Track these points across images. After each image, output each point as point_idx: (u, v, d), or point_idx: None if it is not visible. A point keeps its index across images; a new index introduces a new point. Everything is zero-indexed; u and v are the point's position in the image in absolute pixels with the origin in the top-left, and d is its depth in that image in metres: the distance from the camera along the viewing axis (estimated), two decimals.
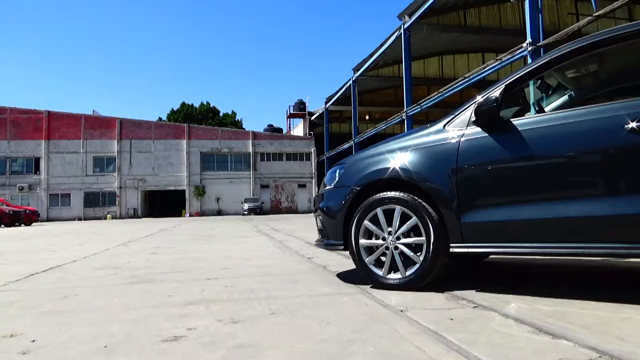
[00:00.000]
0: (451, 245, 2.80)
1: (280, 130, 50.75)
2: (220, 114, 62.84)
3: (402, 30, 20.55)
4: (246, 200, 40.58)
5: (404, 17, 20.12)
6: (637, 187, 2.36)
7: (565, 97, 3.74)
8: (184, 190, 41.97)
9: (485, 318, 2.21)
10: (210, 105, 62.71)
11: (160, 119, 58.24)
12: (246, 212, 38.54)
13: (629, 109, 2.39)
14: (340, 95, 33.53)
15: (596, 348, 1.73)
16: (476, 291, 2.80)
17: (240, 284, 3.38)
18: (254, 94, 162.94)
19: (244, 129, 51.48)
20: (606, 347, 1.73)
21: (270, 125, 50.26)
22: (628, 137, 2.33)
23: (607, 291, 2.86)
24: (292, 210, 43.11)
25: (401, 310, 2.40)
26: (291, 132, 50.75)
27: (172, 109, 61.35)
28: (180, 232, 12.26)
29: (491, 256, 3.99)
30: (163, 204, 44.62)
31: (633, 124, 2.32)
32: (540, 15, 10.05)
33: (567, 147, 2.54)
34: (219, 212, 41.84)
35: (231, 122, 60.79)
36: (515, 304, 2.47)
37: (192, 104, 61.95)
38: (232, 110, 65.33)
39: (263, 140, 44.23)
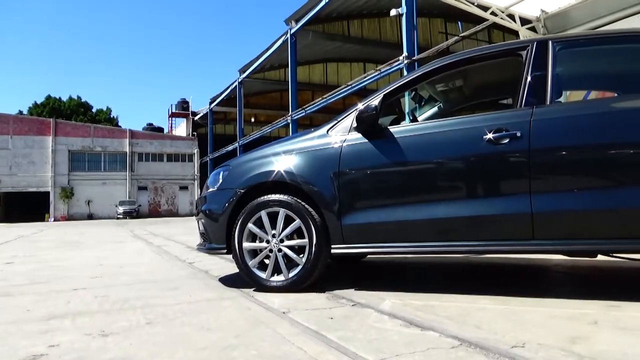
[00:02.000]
0: (332, 246, 2.89)
1: (161, 129, 48.29)
2: (93, 110, 57.89)
3: (288, 36, 20.83)
4: (121, 203, 37.85)
5: (291, 23, 20.43)
6: (493, 191, 2.67)
7: (436, 109, 4.09)
8: (48, 192, 37.87)
9: (362, 315, 2.32)
10: (82, 100, 57.44)
11: (20, 112, 51.89)
12: (121, 216, 35.96)
13: (487, 121, 2.69)
14: (225, 96, 32.92)
15: (457, 336, 1.90)
16: (355, 290, 2.93)
17: (113, 294, 3.14)
18: (133, 91, 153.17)
19: (120, 127, 48.05)
20: (466, 335, 1.91)
21: (150, 124, 47.60)
22: (486, 146, 2.62)
23: (467, 285, 3.18)
24: (173, 213, 41.21)
25: (284, 312, 2.42)
26: (173, 132, 48.59)
27: (36, 102, 55.07)
28: (43, 238, 11.05)
29: (369, 256, 4.20)
30: (23, 207, 39.77)
31: (490, 135, 2.61)
32: (415, 31, 10.87)
33: (436, 154, 2.78)
34: (90, 216, 38.47)
35: (105, 119, 56.27)
36: (390, 300, 2.62)
37: (59, 98, 56.11)
38: (107, 107, 60.55)
39: (142, 139, 41.68)
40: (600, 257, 3.96)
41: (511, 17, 7.50)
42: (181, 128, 47.36)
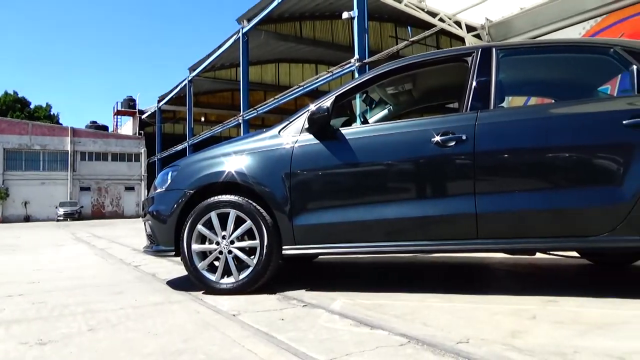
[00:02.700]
0: (284, 247, 2.88)
1: (105, 128, 46.35)
2: (31, 106, 54.75)
3: (240, 35, 20.59)
4: (62, 205, 35.98)
5: (243, 22, 20.21)
6: (440, 192, 2.76)
7: (386, 111, 4.17)
8: None
9: (313, 316, 2.32)
10: (18, 96, 54.21)
11: None
12: (62, 218, 34.19)
13: (435, 124, 2.78)
14: (174, 95, 32.08)
15: (406, 334, 1.94)
16: (306, 290, 2.93)
17: (52, 299, 2.98)
18: (75, 88, 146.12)
19: (62, 124, 45.75)
20: (414, 333, 1.96)
21: (93, 122, 45.54)
22: (434, 149, 2.70)
23: (416, 284, 3.26)
24: (118, 215, 39.66)
25: (234, 315, 2.38)
26: (118, 131, 46.80)
27: None
28: None
29: (321, 256, 4.22)
30: None
31: (437, 138, 2.69)
32: (366, 35, 11.04)
33: (386, 155, 2.83)
34: (27, 218, 36.35)
35: (45, 117, 53.31)
36: (341, 300, 2.64)
37: None
38: (47, 103, 57.42)
39: (85, 137, 39.85)
40: (538, 255, 4.17)
41: (458, 24, 7.77)
42: (127, 127, 45.67)
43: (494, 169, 2.67)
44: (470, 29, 7.82)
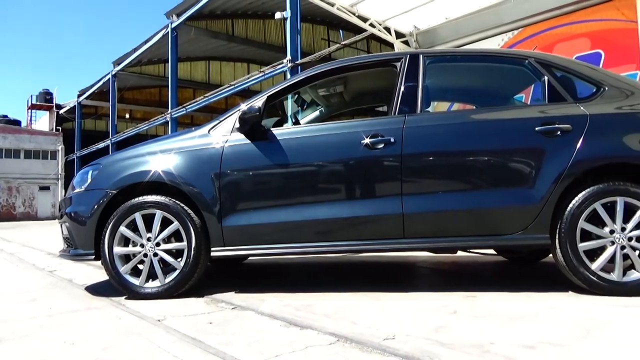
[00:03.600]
0: (212, 249, 2.81)
1: (18, 122, 42.89)
2: None
3: (169, 30, 19.89)
4: None
5: (172, 17, 19.55)
6: (369, 193, 2.82)
7: (317, 112, 4.20)
8: None
9: (242, 318, 2.29)
10: None
11: None
12: None
13: (365, 127, 2.84)
14: (96, 89, 30.32)
15: (335, 333, 1.97)
16: (235, 293, 2.88)
17: None
18: None
19: None
20: (342, 331, 1.99)
21: (4, 116, 42.01)
22: (364, 151, 2.76)
23: (345, 283, 3.31)
24: (31, 216, 36.82)
25: (159, 320, 2.29)
26: (33, 126, 43.48)
27: None
28: None
29: (251, 257, 4.18)
30: None
31: (367, 140, 2.75)
32: (299, 36, 11.08)
33: (316, 156, 2.85)
34: None
35: None
36: (270, 301, 2.63)
37: None
38: None
39: None
40: (460, 253, 4.40)
41: (387, 30, 8.02)
42: (43, 122, 42.52)
43: (419, 171, 2.78)
44: (399, 35, 8.09)
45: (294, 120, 4.13)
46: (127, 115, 36.86)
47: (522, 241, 2.69)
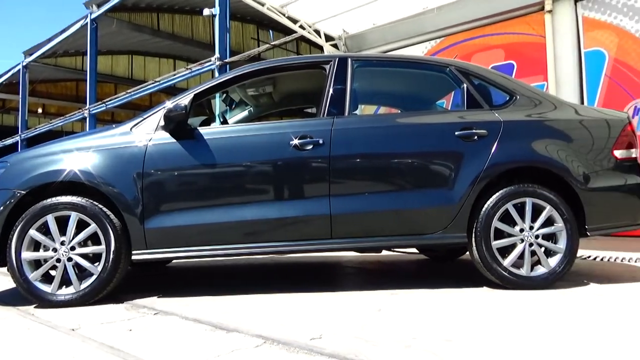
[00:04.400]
0: (134, 252, 2.69)
1: None
2: None
3: (88, 20, 18.75)
4: None
5: (92, 7, 18.44)
6: (298, 194, 2.83)
7: (246, 112, 4.15)
8: None
9: (165, 324, 2.21)
10: None
11: None
12: None
13: (294, 128, 2.85)
14: (4, 81, 27.84)
15: (262, 335, 1.95)
16: (158, 297, 2.77)
17: None
18: None
19: None
20: (270, 333, 1.98)
21: None
22: (292, 152, 2.77)
23: (274, 284, 3.30)
24: None
25: (73, 329, 2.14)
26: None
27: None
28: None
29: (176, 260, 4.04)
30: None
31: (296, 141, 2.76)
32: (228, 34, 10.88)
33: (244, 157, 2.82)
34: None
35: None
36: (195, 305, 2.55)
37: None
38: None
39: None
40: (384, 252, 4.54)
41: (317, 32, 8.10)
42: None
43: (347, 173, 2.83)
44: (328, 38, 8.20)
45: (221, 120, 4.05)
46: (40, 110, 34.23)
47: (442, 240, 2.82)
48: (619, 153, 2.94)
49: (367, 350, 1.73)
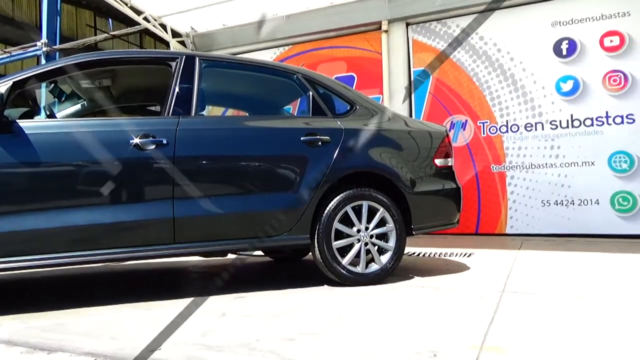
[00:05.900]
0: None
1: None
2: None
3: None
4: None
5: None
6: (138, 197, 2.64)
7: (79, 106, 3.74)
8: None
9: None
10: None
11: None
12: None
13: (135, 126, 2.66)
14: None
15: (92, 352, 1.78)
16: None
17: None
18: None
19: None
20: (101, 349, 1.81)
21: None
22: (133, 151, 2.58)
23: (110, 295, 3.02)
24: None
25: None
26: None
27: None
28: None
29: None
30: None
31: (137, 140, 2.58)
32: (58, 17, 9.74)
33: (75, 155, 2.53)
34: None
35: None
36: (9, 324, 2.22)
37: None
38: None
39: None
40: (230, 256, 4.50)
41: (163, 27, 7.69)
42: None
43: (192, 174, 2.73)
44: (175, 34, 7.84)
45: (48, 113, 3.60)
46: None
47: (287, 242, 2.90)
48: (439, 161, 3.36)
49: (211, 357, 1.70)
